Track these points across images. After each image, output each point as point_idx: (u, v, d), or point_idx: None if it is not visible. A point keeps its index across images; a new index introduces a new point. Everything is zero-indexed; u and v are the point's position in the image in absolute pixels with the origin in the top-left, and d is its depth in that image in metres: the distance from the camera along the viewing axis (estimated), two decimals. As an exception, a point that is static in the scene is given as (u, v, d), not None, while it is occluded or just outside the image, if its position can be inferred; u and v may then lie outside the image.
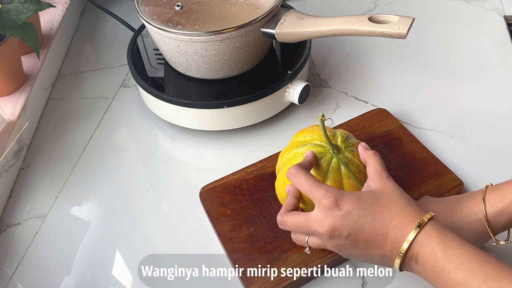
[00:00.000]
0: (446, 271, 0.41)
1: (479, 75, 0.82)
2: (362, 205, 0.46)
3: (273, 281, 0.56)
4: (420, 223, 0.44)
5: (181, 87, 0.75)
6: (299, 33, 0.68)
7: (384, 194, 0.47)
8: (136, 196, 0.70)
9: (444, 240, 0.43)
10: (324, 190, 0.47)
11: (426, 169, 0.65)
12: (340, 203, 0.46)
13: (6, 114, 0.74)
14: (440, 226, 0.44)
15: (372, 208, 0.46)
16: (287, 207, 0.51)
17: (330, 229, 0.46)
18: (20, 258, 0.64)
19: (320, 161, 0.54)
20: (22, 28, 0.67)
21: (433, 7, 0.97)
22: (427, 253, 0.43)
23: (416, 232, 0.43)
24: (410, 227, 0.44)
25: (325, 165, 0.54)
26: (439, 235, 0.43)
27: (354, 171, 0.54)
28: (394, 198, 0.47)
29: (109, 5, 1.00)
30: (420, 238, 0.43)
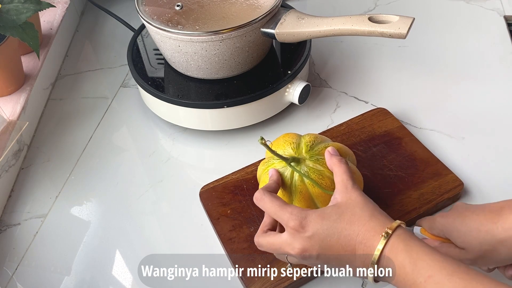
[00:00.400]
0: (417, 284, 0.41)
1: (479, 75, 0.82)
2: (327, 224, 0.46)
3: (273, 281, 0.56)
4: (385, 235, 0.43)
5: (181, 87, 0.75)
6: (299, 33, 0.68)
7: (348, 208, 0.47)
8: (136, 196, 0.70)
9: (411, 252, 0.42)
10: (289, 213, 0.47)
11: (426, 169, 0.65)
12: (304, 224, 0.46)
13: (6, 114, 0.74)
14: (406, 237, 0.44)
15: (336, 226, 0.46)
16: (263, 228, 0.51)
17: (300, 251, 0.46)
18: (20, 258, 0.64)
19: (283, 175, 0.55)
20: (22, 28, 0.67)
21: (433, 7, 0.97)
22: (397, 267, 0.42)
23: (382, 246, 0.43)
24: (375, 242, 0.44)
25: (288, 179, 0.55)
26: (406, 247, 0.43)
27: (316, 178, 0.54)
28: (358, 211, 0.46)
29: (109, 5, 1.00)
30: (386, 253, 0.43)
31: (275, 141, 0.59)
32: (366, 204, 0.47)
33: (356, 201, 0.47)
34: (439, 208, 0.63)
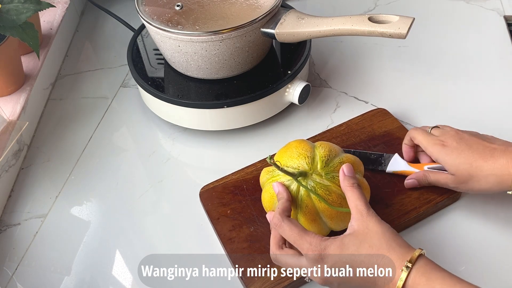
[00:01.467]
0: None
1: (479, 75, 0.82)
2: (346, 256, 0.47)
3: (273, 281, 0.56)
4: (405, 269, 0.45)
5: (181, 87, 0.75)
6: (299, 33, 0.68)
7: (366, 238, 0.48)
8: (136, 196, 0.70)
9: (433, 286, 0.44)
10: (308, 243, 0.48)
11: (426, 169, 0.65)
12: (324, 256, 0.47)
13: (6, 114, 0.74)
14: (426, 269, 0.45)
15: (355, 259, 0.47)
16: (278, 242, 0.52)
17: (321, 281, 0.48)
18: (20, 258, 0.64)
19: (289, 188, 0.55)
20: (22, 28, 0.67)
21: (433, 7, 0.97)
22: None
23: (402, 283, 0.44)
24: (395, 276, 0.45)
25: (294, 192, 0.55)
26: (427, 281, 0.44)
27: (323, 194, 0.54)
28: (376, 242, 0.47)
29: (109, 5, 1.00)
30: (409, 284, 0.44)
31: (287, 150, 0.58)
32: (383, 233, 0.47)
33: (373, 230, 0.48)
34: (439, 208, 0.63)
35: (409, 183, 0.62)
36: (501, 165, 0.53)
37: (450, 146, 0.57)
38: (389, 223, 0.60)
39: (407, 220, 0.60)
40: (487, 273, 0.57)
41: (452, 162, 0.57)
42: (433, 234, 0.61)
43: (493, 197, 0.64)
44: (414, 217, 0.61)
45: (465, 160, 0.56)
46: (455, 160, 0.56)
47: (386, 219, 0.60)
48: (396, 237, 0.48)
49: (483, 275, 0.57)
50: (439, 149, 0.58)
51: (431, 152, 0.59)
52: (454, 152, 0.57)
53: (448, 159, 0.57)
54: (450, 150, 0.57)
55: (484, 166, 0.54)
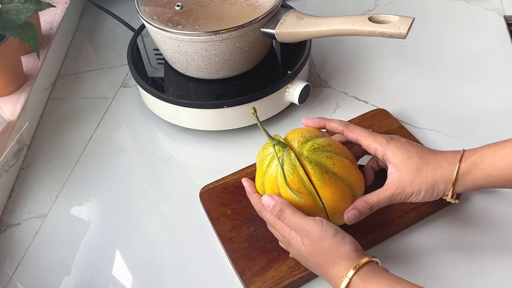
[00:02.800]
0: None
1: (479, 75, 0.82)
2: (302, 257, 0.53)
3: (273, 281, 0.56)
4: (344, 279, 0.47)
5: (181, 87, 0.75)
6: (299, 33, 0.68)
7: (313, 253, 0.50)
8: (136, 196, 0.70)
9: None
10: (283, 228, 0.53)
11: (426, 169, 0.65)
12: (289, 247, 0.54)
13: (6, 114, 0.74)
14: (366, 277, 0.47)
15: (309, 265, 0.53)
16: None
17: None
18: (20, 258, 0.64)
19: (267, 153, 0.56)
20: (22, 28, 0.67)
21: (433, 7, 0.97)
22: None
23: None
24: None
25: (269, 160, 0.55)
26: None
27: (286, 170, 0.53)
28: (321, 260, 0.50)
29: (109, 5, 1.00)
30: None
31: (298, 129, 0.58)
32: (326, 251, 0.50)
33: (318, 247, 0.50)
34: (439, 207, 0.63)
35: (351, 215, 0.54)
36: (450, 157, 0.53)
37: (398, 141, 0.55)
38: (389, 222, 0.60)
39: (407, 220, 0.60)
40: (487, 273, 0.57)
41: (402, 154, 0.54)
42: (433, 234, 0.61)
43: (493, 197, 0.64)
44: (414, 216, 0.61)
45: (415, 152, 0.54)
46: (404, 153, 0.54)
47: (386, 219, 0.61)
48: (342, 249, 0.49)
49: (483, 275, 0.57)
50: (386, 142, 0.55)
51: (376, 146, 0.55)
52: (404, 146, 0.54)
53: (397, 151, 0.54)
54: (399, 144, 0.55)
55: (432, 159, 0.53)
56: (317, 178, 0.52)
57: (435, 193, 0.53)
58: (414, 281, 0.46)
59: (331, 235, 0.49)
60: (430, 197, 0.54)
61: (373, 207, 0.54)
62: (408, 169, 0.53)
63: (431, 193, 0.53)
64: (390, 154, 0.54)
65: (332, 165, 0.53)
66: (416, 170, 0.53)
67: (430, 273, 0.58)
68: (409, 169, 0.53)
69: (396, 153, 0.54)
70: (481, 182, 0.51)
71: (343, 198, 0.53)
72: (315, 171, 0.52)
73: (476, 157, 0.51)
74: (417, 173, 0.53)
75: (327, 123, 0.59)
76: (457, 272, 0.57)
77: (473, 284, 0.56)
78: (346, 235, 0.50)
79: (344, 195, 0.53)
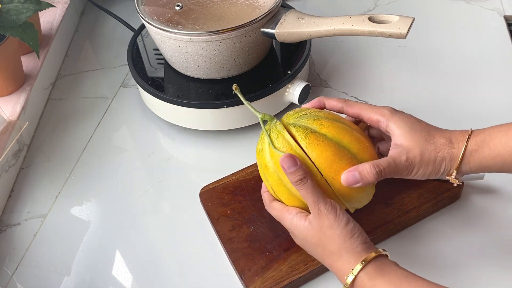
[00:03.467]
0: None
1: (479, 75, 0.82)
2: (308, 246, 0.52)
3: (273, 281, 0.56)
4: (350, 274, 0.46)
5: (181, 87, 0.75)
6: (299, 33, 0.68)
7: (320, 241, 0.49)
8: (136, 196, 0.70)
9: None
10: (289, 218, 0.52)
11: (426, 169, 0.65)
12: (293, 234, 0.53)
13: (6, 114, 0.74)
14: (374, 275, 0.45)
15: (314, 253, 0.51)
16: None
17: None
18: (20, 258, 0.64)
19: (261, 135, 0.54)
20: (22, 28, 0.67)
21: (433, 7, 0.97)
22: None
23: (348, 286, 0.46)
24: (344, 280, 0.47)
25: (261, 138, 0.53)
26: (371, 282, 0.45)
27: (273, 137, 0.51)
28: (328, 247, 0.48)
29: (109, 5, 1.00)
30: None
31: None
32: (334, 239, 0.48)
33: (327, 234, 0.48)
34: (439, 207, 0.63)
35: (350, 176, 0.48)
36: (458, 134, 0.50)
37: (403, 113, 0.52)
38: (389, 222, 0.60)
39: (407, 219, 0.60)
40: (487, 273, 0.57)
41: (408, 126, 0.50)
42: (433, 234, 0.61)
43: (493, 197, 0.64)
44: (414, 216, 0.61)
45: (422, 126, 0.51)
46: (411, 125, 0.50)
47: (386, 219, 0.60)
48: (348, 241, 0.47)
49: (483, 275, 0.57)
50: (390, 113, 0.52)
51: (379, 117, 0.52)
52: (409, 118, 0.51)
53: (402, 123, 0.51)
54: (404, 116, 0.52)
55: (439, 134, 0.50)
56: (302, 138, 0.49)
57: (442, 169, 0.50)
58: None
59: (343, 224, 0.47)
60: (437, 174, 0.50)
61: (381, 173, 0.48)
62: (416, 142, 0.49)
63: (438, 169, 0.50)
64: (394, 125, 0.51)
65: (320, 125, 0.50)
66: (425, 143, 0.49)
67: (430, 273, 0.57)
68: (416, 141, 0.49)
69: (402, 125, 0.51)
70: (488, 163, 0.49)
71: (337, 158, 0.49)
72: (299, 132, 0.50)
73: (486, 135, 0.49)
74: (425, 146, 0.49)
75: (326, 101, 0.56)
76: (457, 272, 0.57)
77: (473, 284, 0.56)
78: (356, 225, 0.48)
79: (337, 155, 0.49)
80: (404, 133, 0.50)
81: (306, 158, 0.49)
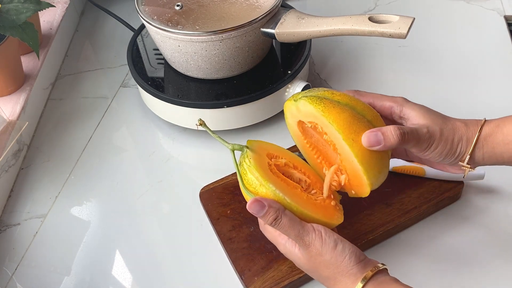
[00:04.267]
0: None
1: (479, 75, 0.82)
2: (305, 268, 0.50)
3: (273, 281, 0.56)
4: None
5: (181, 87, 0.75)
6: (299, 33, 0.68)
7: (314, 267, 0.48)
8: (136, 196, 0.69)
9: None
10: (283, 242, 0.50)
11: (426, 169, 0.65)
12: (291, 258, 0.51)
13: (6, 114, 0.74)
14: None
15: (313, 275, 0.50)
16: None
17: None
18: (20, 258, 0.64)
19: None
20: (22, 28, 0.67)
21: (433, 7, 0.97)
22: None
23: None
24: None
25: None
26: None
27: (242, 171, 0.50)
28: (323, 274, 0.47)
29: (109, 5, 1.00)
30: None
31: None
32: (326, 266, 0.47)
33: (318, 261, 0.47)
34: (439, 207, 0.63)
35: (372, 137, 0.46)
36: (471, 120, 0.50)
37: (415, 102, 0.52)
38: (390, 222, 0.60)
39: (408, 220, 0.60)
40: (487, 273, 0.57)
41: (423, 109, 0.51)
42: (433, 234, 0.61)
43: (493, 197, 0.64)
44: (414, 216, 0.61)
45: (436, 112, 0.51)
46: (425, 109, 0.51)
47: (387, 219, 0.61)
48: (341, 265, 0.46)
49: (483, 275, 0.57)
50: (402, 100, 0.52)
51: (391, 103, 0.52)
52: (422, 105, 0.52)
53: (417, 107, 0.51)
54: (417, 104, 0.52)
55: (454, 119, 0.51)
56: (317, 104, 0.48)
57: (458, 150, 0.49)
58: (414, 281, 0.46)
59: (330, 248, 0.46)
60: (453, 155, 0.50)
61: (404, 136, 0.46)
62: (434, 121, 0.49)
63: (455, 150, 0.49)
64: (409, 109, 0.50)
65: (331, 94, 0.50)
66: (442, 123, 0.49)
67: (430, 273, 0.58)
68: (434, 121, 0.49)
69: (417, 108, 0.50)
70: (500, 149, 0.49)
71: (355, 120, 0.48)
72: (313, 100, 0.49)
73: (500, 122, 0.49)
74: (443, 126, 0.49)
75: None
76: (457, 272, 0.57)
77: (473, 284, 0.56)
78: (345, 245, 0.46)
79: (355, 117, 0.48)
80: (420, 114, 0.50)
81: (274, 189, 0.48)
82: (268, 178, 0.49)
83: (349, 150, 0.47)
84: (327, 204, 0.51)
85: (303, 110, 0.50)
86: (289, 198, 0.48)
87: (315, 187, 0.52)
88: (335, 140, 0.48)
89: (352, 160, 0.48)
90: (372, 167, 0.48)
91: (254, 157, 0.50)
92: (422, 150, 0.49)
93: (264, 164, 0.50)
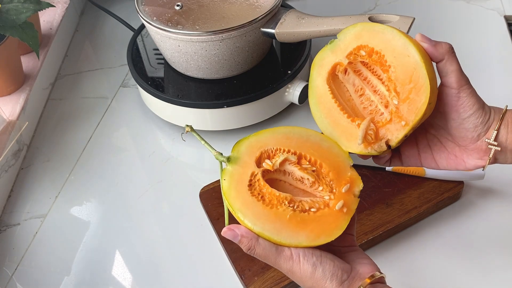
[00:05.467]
0: None
1: (479, 75, 0.82)
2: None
3: (273, 281, 0.56)
4: None
5: (181, 87, 0.75)
6: (299, 33, 0.68)
7: (300, 280, 0.45)
8: (136, 196, 0.69)
9: None
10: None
11: (426, 169, 0.65)
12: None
13: (6, 114, 0.74)
14: None
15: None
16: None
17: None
18: (20, 258, 0.64)
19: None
20: (22, 28, 0.67)
21: (433, 7, 0.97)
22: None
23: None
24: None
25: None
26: None
27: (222, 179, 0.45)
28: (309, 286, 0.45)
29: (109, 5, 1.00)
30: None
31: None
32: (310, 273, 0.44)
33: (299, 275, 0.45)
34: (439, 208, 0.63)
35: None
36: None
37: None
38: (390, 222, 0.60)
39: (408, 220, 0.60)
40: (487, 273, 0.57)
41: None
42: (433, 234, 0.61)
43: (493, 197, 0.64)
44: (414, 216, 0.61)
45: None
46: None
47: (387, 219, 0.61)
48: (324, 279, 0.44)
49: (483, 275, 0.57)
50: None
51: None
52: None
53: None
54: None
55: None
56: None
57: (491, 118, 0.51)
58: (414, 281, 0.46)
59: (309, 274, 0.44)
60: (484, 124, 0.50)
61: (453, 52, 0.51)
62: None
63: (488, 117, 0.51)
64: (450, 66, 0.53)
65: None
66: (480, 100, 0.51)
67: (430, 272, 0.58)
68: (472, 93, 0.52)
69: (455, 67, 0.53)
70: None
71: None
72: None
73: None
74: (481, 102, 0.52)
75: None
76: (457, 272, 0.57)
77: (473, 284, 0.56)
78: (325, 268, 0.44)
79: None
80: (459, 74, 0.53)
81: (242, 220, 0.44)
82: (241, 204, 0.44)
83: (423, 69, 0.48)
84: (327, 213, 0.44)
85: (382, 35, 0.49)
86: (261, 227, 0.44)
87: (322, 182, 0.46)
88: (412, 65, 0.48)
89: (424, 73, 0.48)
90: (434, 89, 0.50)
91: (232, 174, 0.45)
92: (462, 109, 0.51)
93: (242, 183, 0.45)
